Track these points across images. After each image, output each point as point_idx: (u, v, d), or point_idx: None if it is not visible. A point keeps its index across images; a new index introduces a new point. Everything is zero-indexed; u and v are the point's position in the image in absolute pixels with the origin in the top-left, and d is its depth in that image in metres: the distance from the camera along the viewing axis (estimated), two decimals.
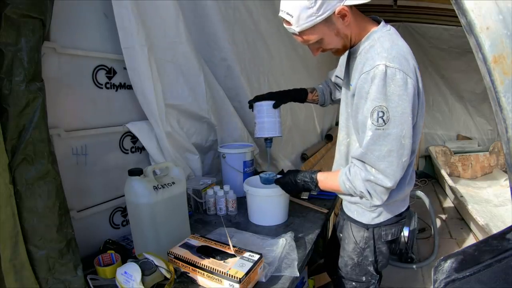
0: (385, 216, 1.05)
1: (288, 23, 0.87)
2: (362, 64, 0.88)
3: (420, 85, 0.87)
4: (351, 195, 1.01)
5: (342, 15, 0.85)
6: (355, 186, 0.94)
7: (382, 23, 0.93)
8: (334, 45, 0.93)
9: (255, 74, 1.96)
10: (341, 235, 1.22)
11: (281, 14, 0.88)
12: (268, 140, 1.26)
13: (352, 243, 1.11)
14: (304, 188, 1.11)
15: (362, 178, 0.91)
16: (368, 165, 0.90)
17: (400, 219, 1.08)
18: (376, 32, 0.90)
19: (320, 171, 1.09)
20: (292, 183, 1.12)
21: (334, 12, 0.84)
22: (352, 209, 1.10)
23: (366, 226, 1.07)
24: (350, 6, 0.85)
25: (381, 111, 0.83)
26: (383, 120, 0.83)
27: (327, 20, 0.85)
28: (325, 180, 1.06)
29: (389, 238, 1.08)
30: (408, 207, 1.11)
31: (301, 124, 2.72)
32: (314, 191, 1.15)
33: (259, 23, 1.94)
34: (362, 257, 1.10)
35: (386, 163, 0.86)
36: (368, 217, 1.06)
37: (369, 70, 0.84)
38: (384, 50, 0.84)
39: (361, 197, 1.00)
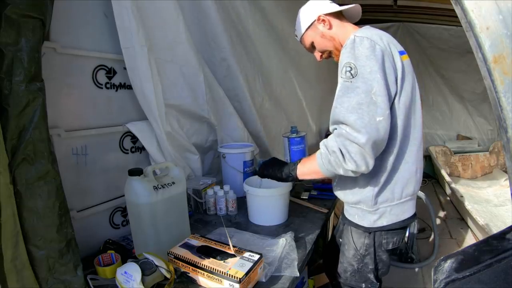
0: (387, 219, 1.01)
1: (296, 36, 1.19)
2: None
3: (397, 58, 0.91)
4: (344, 191, 1.00)
5: (321, 20, 1.08)
6: (327, 147, 0.90)
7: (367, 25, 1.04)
8: (325, 46, 1.12)
9: (251, 75, 1.94)
10: (340, 240, 1.20)
11: (295, 34, 1.19)
12: None
13: (352, 249, 1.09)
14: (283, 172, 1.07)
15: (334, 135, 0.89)
16: (342, 124, 0.87)
17: (403, 226, 1.04)
18: (359, 30, 0.99)
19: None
20: (271, 162, 1.15)
21: (315, 20, 1.08)
22: (353, 212, 1.07)
23: (368, 230, 1.04)
24: (331, 14, 1.08)
25: (349, 67, 0.88)
26: (351, 74, 0.87)
27: (311, 27, 1.11)
28: (306, 159, 1.04)
29: (390, 247, 1.06)
30: (415, 214, 1.06)
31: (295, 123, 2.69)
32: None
33: (248, 25, 1.89)
34: (362, 264, 1.08)
35: (356, 115, 0.83)
36: (369, 219, 1.02)
37: (344, 45, 0.94)
38: (357, 32, 0.94)
39: (338, 169, 0.90)
